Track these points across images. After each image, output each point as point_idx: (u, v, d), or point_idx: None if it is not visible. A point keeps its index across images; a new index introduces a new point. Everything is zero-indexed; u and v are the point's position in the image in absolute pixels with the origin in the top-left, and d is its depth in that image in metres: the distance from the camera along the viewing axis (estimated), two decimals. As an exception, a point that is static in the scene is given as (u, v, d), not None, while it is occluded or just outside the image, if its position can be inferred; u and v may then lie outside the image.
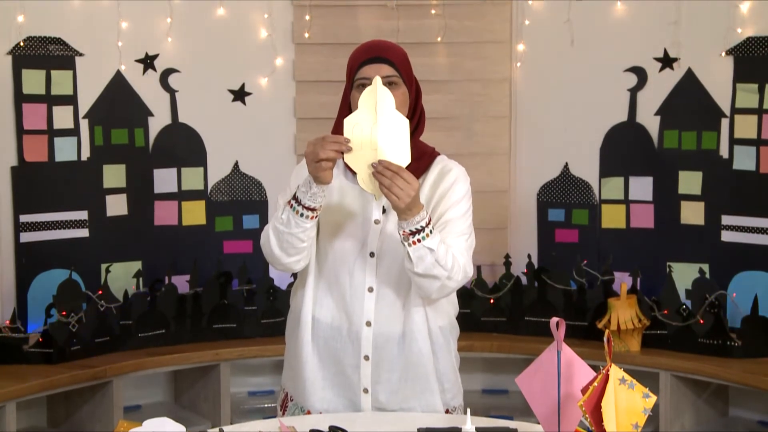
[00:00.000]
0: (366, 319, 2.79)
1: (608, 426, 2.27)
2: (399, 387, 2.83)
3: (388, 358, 2.81)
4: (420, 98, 2.86)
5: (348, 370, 2.82)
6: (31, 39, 4.24)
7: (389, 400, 2.83)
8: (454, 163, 2.89)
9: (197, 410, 4.42)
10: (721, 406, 4.33)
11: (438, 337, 2.86)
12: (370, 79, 2.70)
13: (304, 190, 2.65)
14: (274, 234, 2.74)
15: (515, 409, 4.34)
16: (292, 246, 2.73)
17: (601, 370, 2.32)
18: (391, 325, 2.80)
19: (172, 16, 4.51)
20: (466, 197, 2.84)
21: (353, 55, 2.82)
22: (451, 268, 2.70)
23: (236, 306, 4.45)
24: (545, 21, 4.61)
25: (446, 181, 2.82)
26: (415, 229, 2.62)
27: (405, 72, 2.78)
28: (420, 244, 2.63)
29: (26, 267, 4.29)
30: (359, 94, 2.70)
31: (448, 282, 2.72)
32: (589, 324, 4.29)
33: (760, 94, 4.24)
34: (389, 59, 2.75)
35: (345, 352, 2.81)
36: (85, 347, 4.14)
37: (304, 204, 2.66)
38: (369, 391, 2.82)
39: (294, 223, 2.68)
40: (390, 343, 2.81)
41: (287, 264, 2.79)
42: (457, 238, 2.77)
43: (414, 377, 2.84)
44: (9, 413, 3.79)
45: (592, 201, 4.61)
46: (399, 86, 2.75)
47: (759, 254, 4.26)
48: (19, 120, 4.24)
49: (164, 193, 4.59)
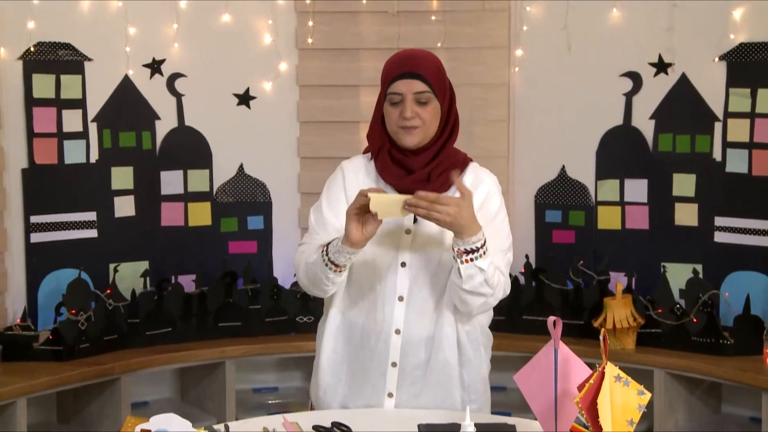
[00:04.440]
0: (395, 327, 2.77)
1: (604, 422, 2.28)
2: (422, 392, 2.82)
3: (414, 363, 2.80)
4: (454, 104, 2.84)
5: (374, 377, 2.80)
6: (41, 44, 4.25)
7: (411, 405, 2.82)
8: (486, 172, 2.87)
9: (203, 407, 4.42)
10: (714, 403, 4.34)
11: (466, 346, 2.83)
12: (401, 94, 2.70)
13: (335, 243, 2.64)
14: (304, 268, 2.75)
15: (513, 405, 4.33)
16: (321, 285, 2.74)
17: (597, 368, 2.32)
18: (421, 333, 2.79)
19: (178, 22, 4.52)
20: (501, 209, 2.82)
21: (387, 65, 2.79)
22: (496, 287, 2.68)
23: (241, 305, 4.46)
24: (543, 27, 4.61)
25: (479, 193, 2.78)
26: (471, 248, 2.61)
27: (437, 84, 2.75)
28: (472, 263, 2.62)
29: (36, 267, 4.30)
30: (391, 108, 2.73)
31: (491, 300, 2.71)
32: (585, 323, 4.29)
33: (752, 99, 4.25)
34: (421, 74, 2.72)
35: (373, 359, 2.80)
36: (94, 345, 4.15)
37: (331, 258, 2.65)
38: (393, 395, 2.81)
39: (320, 269, 2.68)
40: (417, 349, 2.79)
41: (317, 294, 2.81)
42: (497, 254, 2.73)
43: (436, 384, 2.82)
44: (20, 409, 3.80)
45: (589, 203, 4.61)
46: (430, 102, 2.73)
47: (751, 255, 4.27)
48: (30, 123, 4.25)
49: (171, 195, 4.59)
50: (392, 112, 2.74)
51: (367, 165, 2.85)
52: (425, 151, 2.77)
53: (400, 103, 2.72)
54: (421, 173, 2.75)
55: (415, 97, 2.71)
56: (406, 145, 2.75)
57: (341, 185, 2.84)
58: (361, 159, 2.88)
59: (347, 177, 2.84)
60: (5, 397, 3.77)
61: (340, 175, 2.86)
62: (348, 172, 2.86)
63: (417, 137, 2.74)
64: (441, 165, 2.77)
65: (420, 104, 2.72)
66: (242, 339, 4.41)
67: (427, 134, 2.76)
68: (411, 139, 2.74)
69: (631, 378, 2.34)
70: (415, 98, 2.71)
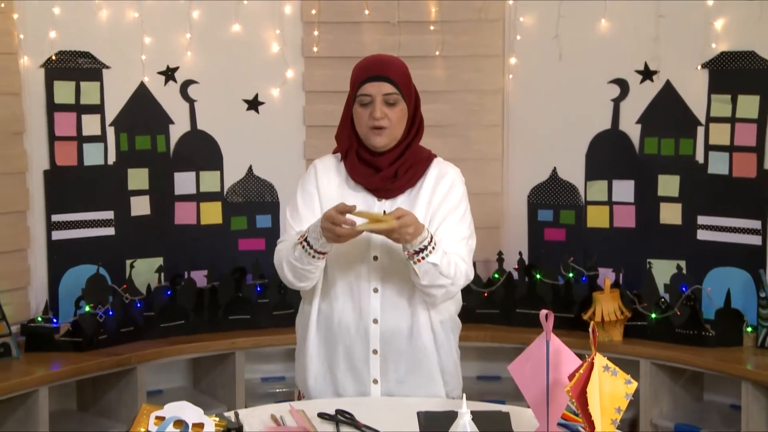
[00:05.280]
0: (373, 317, 2.78)
1: (593, 410, 2.28)
2: (406, 378, 2.83)
3: (395, 351, 2.80)
4: (419, 107, 2.86)
5: (359, 364, 2.81)
6: (62, 53, 4.26)
7: (396, 390, 2.83)
8: (449, 165, 2.88)
9: (214, 395, 4.42)
10: (697, 391, 4.34)
11: (440, 333, 2.85)
12: (371, 96, 2.73)
13: (315, 236, 2.65)
14: (287, 266, 2.75)
15: (507, 394, 4.33)
16: (305, 276, 2.75)
17: (587, 359, 2.32)
18: (398, 322, 2.80)
19: (191, 32, 4.52)
20: (464, 199, 2.83)
21: (357, 69, 2.81)
22: (454, 275, 2.70)
23: (250, 299, 4.45)
24: (535, 37, 4.61)
25: (444, 185, 2.81)
26: (419, 248, 2.63)
27: (404, 87, 2.77)
28: (424, 260, 2.64)
29: (57, 263, 4.30)
30: (361, 109, 2.74)
31: (452, 288, 2.73)
32: (575, 316, 4.29)
33: (733, 105, 4.24)
34: (389, 77, 2.74)
35: (355, 346, 2.80)
36: (111, 336, 4.15)
37: (315, 248, 2.66)
38: (378, 381, 2.82)
39: (306, 261, 2.69)
40: (397, 338, 2.80)
41: (299, 287, 2.82)
42: (458, 244, 2.76)
43: (419, 369, 2.83)
44: (42, 397, 3.81)
45: (579, 202, 4.61)
46: (398, 103, 2.76)
47: (732, 252, 4.26)
48: (51, 127, 4.25)
49: (184, 195, 4.59)
50: (362, 113, 2.76)
51: (338, 165, 2.87)
52: (392, 151, 2.79)
53: (370, 104, 2.74)
54: (388, 171, 2.78)
55: (384, 99, 2.74)
56: (375, 146, 2.77)
57: (314, 182, 2.85)
58: (332, 158, 2.90)
59: (319, 175, 2.86)
60: (28, 386, 3.78)
61: (313, 173, 2.88)
62: (320, 171, 2.87)
63: (385, 138, 2.76)
64: (407, 162, 2.80)
65: (388, 105, 2.75)
66: (251, 331, 4.41)
67: (395, 135, 2.78)
68: (380, 140, 2.76)
69: (619, 368, 2.34)
70: (384, 99, 2.74)
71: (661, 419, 4.14)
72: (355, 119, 2.78)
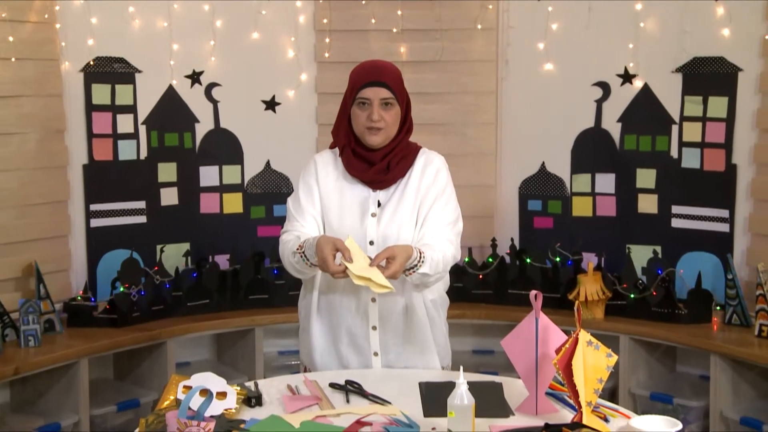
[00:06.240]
0: (371, 297, 2.79)
1: (577, 380, 2.29)
2: (403, 350, 2.84)
3: (393, 327, 2.82)
4: (410, 108, 2.86)
5: (360, 340, 2.82)
6: (99, 59, 4.25)
7: (395, 361, 2.84)
8: (434, 153, 2.89)
9: (236, 366, 4.43)
10: (670, 363, 4.34)
11: (431, 309, 2.86)
12: (369, 99, 2.73)
13: (311, 253, 2.65)
14: (288, 264, 2.76)
15: (500, 366, 4.33)
16: (304, 273, 2.78)
17: (572, 334, 2.33)
18: (393, 301, 2.80)
19: (215, 39, 4.51)
20: (449, 184, 2.84)
21: (356, 73, 2.81)
22: (444, 267, 2.72)
23: (268, 280, 4.45)
24: (525, 44, 4.59)
25: (430, 172, 2.82)
26: (409, 267, 2.63)
27: (399, 91, 2.78)
28: (416, 273, 2.65)
29: (95, 248, 4.31)
30: (359, 111, 2.75)
31: (443, 274, 2.76)
32: (561, 296, 4.28)
33: (704, 105, 4.23)
34: (386, 83, 2.74)
35: (355, 324, 2.81)
36: (144, 314, 4.16)
37: (311, 261, 2.67)
38: (379, 354, 2.83)
39: (303, 266, 2.71)
40: (394, 315, 2.81)
41: (301, 278, 2.85)
42: (445, 228, 2.77)
43: (415, 341, 2.84)
44: (82, 367, 3.83)
45: (565, 194, 4.60)
46: (393, 106, 2.76)
47: (702, 238, 4.26)
48: (89, 126, 4.26)
49: (208, 187, 4.59)
50: (360, 115, 2.76)
51: (336, 159, 2.88)
52: (384, 147, 2.80)
53: (368, 107, 2.75)
54: (380, 164, 2.79)
55: (381, 102, 2.74)
56: (371, 145, 2.78)
57: (314, 176, 2.86)
58: (330, 153, 2.90)
59: (319, 169, 2.87)
60: (70, 357, 3.80)
61: (313, 167, 2.88)
62: (320, 165, 2.87)
63: (381, 137, 2.77)
64: (398, 155, 2.80)
65: (385, 108, 2.75)
66: (269, 309, 4.41)
67: (389, 134, 2.79)
68: (375, 139, 2.77)
69: (601, 343, 2.35)
70: (381, 103, 2.74)
71: (638, 388, 4.14)
72: (353, 119, 2.79)
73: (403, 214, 2.76)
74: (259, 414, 2.44)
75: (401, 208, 2.77)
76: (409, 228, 2.76)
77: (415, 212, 2.78)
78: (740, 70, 4.13)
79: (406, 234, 2.75)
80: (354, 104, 2.77)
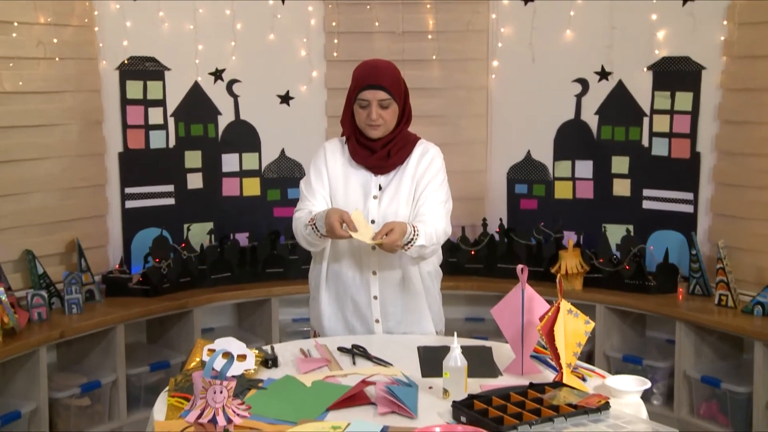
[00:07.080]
0: (372, 270, 2.81)
1: (559, 345, 2.31)
2: (402, 317, 2.86)
3: (392, 296, 2.83)
4: (408, 101, 2.85)
5: (363, 308, 2.83)
6: (132, 58, 4.26)
7: (395, 327, 2.86)
8: (431, 144, 2.89)
9: (254, 332, 4.44)
10: (640, 329, 4.36)
11: (427, 280, 2.88)
12: (368, 101, 2.73)
13: (321, 224, 2.68)
14: (301, 237, 2.79)
15: (489, 332, 4.34)
16: (315, 245, 2.80)
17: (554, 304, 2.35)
18: (393, 273, 2.82)
19: (235, 40, 4.51)
20: (442, 170, 2.85)
21: (357, 75, 2.80)
22: (437, 241, 2.74)
23: (283, 256, 4.45)
24: (513, 44, 4.59)
25: (426, 159, 2.83)
26: (406, 241, 2.65)
27: (396, 90, 2.77)
28: (414, 246, 2.67)
29: (130, 226, 4.32)
30: (360, 110, 2.75)
31: (436, 247, 2.77)
32: (545, 270, 4.29)
33: (672, 100, 4.24)
34: (383, 85, 2.74)
35: (359, 294, 2.83)
36: (173, 285, 4.18)
37: (320, 232, 2.69)
38: (380, 321, 2.85)
39: (314, 238, 2.73)
40: (393, 286, 2.83)
41: (311, 250, 2.87)
42: (437, 206, 2.78)
43: (412, 310, 2.86)
44: (119, 332, 3.86)
45: (548, 178, 4.61)
46: (390, 106, 2.76)
47: (670, 218, 4.27)
48: (124, 118, 4.26)
49: (229, 172, 4.59)
50: (361, 113, 2.77)
51: (343, 146, 2.89)
52: (384, 137, 2.81)
53: (367, 107, 2.75)
54: (382, 152, 2.80)
55: (379, 103, 2.74)
56: (371, 137, 2.80)
57: (323, 161, 2.87)
58: (338, 141, 2.91)
59: (327, 155, 2.87)
60: (108, 323, 3.83)
61: (323, 153, 2.89)
62: (328, 151, 2.88)
63: (380, 132, 2.79)
64: (397, 144, 2.81)
65: (383, 108, 2.75)
66: (284, 281, 4.41)
67: (388, 128, 2.80)
68: (375, 133, 2.79)
69: (579, 311, 2.37)
70: (379, 104, 2.74)
71: (612, 351, 4.17)
72: (356, 115, 2.80)
73: (401, 197, 2.78)
74: (275, 374, 2.46)
75: (400, 192, 2.79)
76: (406, 209, 2.78)
77: (411, 195, 2.79)
78: (704, 69, 4.14)
79: (403, 214, 2.77)
80: (355, 103, 2.78)
